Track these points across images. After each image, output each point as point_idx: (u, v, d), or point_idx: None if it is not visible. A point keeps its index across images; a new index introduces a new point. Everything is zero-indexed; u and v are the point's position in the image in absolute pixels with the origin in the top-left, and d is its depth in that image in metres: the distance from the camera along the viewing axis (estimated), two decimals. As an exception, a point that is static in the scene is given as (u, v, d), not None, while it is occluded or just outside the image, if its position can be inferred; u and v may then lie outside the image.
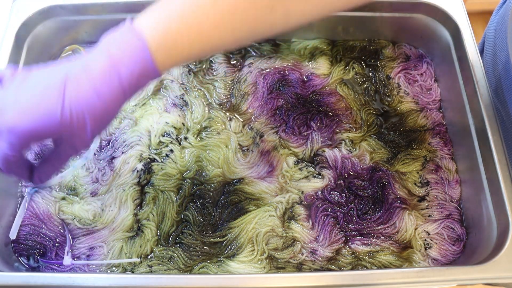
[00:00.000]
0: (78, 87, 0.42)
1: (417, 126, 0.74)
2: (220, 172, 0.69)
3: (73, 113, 0.42)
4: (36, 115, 0.42)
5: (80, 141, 0.46)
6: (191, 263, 0.63)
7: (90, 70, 0.42)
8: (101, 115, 0.43)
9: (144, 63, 0.43)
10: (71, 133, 0.44)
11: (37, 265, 0.63)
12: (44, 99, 0.42)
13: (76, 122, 0.43)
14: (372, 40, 0.82)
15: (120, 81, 0.43)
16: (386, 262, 0.64)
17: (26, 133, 0.42)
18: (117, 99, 0.43)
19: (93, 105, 0.42)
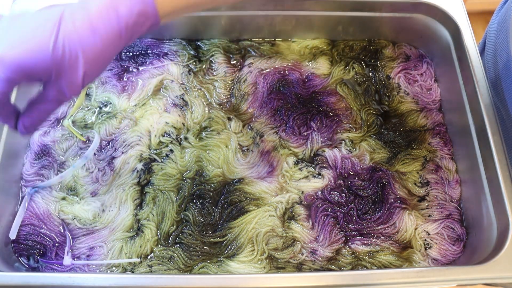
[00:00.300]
0: (74, 23, 0.40)
1: (417, 126, 0.74)
2: (220, 172, 0.69)
3: (65, 47, 0.40)
4: (27, 47, 0.40)
5: (69, 83, 0.43)
6: (191, 263, 0.63)
7: (88, 6, 0.41)
8: (95, 55, 0.41)
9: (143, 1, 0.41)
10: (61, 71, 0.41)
11: (37, 265, 0.63)
12: (37, 32, 0.40)
13: (68, 58, 0.41)
14: (372, 40, 0.82)
15: (117, 19, 0.41)
16: (386, 262, 0.64)
17: (15, 66, 0.40)
18: (113, 39, 0.41)
19: (87, 42, 0.41)
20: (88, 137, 0.71)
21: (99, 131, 0.72)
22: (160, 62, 0.78)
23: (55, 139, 0.71)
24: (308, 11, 0.77)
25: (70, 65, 0.41)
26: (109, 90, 0.76)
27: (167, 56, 0.79)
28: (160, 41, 0.81)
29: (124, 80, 0.77)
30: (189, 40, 0.81)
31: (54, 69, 0.41)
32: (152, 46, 0.80)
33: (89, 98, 0.75)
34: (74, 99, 0.75)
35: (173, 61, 0.78)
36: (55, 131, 0.72)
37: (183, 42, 0.81)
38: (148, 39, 0.80)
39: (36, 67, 0.40)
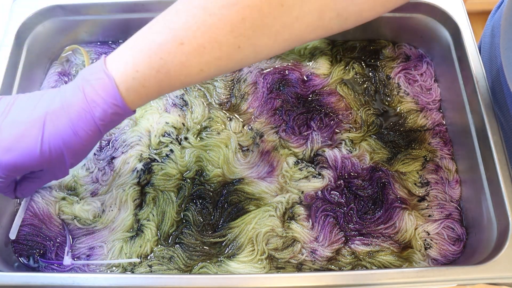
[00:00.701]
0: (57, 125, 0.46)
1: (417, 126, 0.74)
2: (220, 172, 0.69)
3: (51, 148, 0.47)
4: (17, 151, 0.46)
5: (59, 172, 0.51)
6: (191, 263, 0.63)
7: (68, 108, 0.46)
8: (78, 149, 0.48)
9: (115, 103, 0.46)
10: (50, 165, 0.49)
11: (37, 265, 0.63)
12: (24, 136, 0.46)
13: (54, 156, 0.47)
14: (372, 40, 0.82)
15: (94, 120, 0.47)
16: (386, 262, 0.64)
17: (10, 167, 0.47)
18: (92, 135, 0.48)
19: (70, 141, 0.47)
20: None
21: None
22: (160, 62, 0.78)
23: (55, 139, 0.71)
24: (308, 11, 0.77)
25: (57, 161, 0.48)
26: (109, 90, 0.75)
27: (167, 56, 0.79)
28: (160, 41, 0.80)
29: (124, 80, 0.77)
30: (189, 40, 0.81)
31: (44, 165, 0.49)
32: (152, 46, 0.80)
33: (89, 98, 0.75)
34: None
35: (173, 61, 0.78)
36: (55, 131, 0.72)
37: (183, 42, 0.80)
38: (148, 39, 0.80)
39: (28, 166, 0.48)
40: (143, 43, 0.46)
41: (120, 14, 0.76)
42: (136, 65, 0.46)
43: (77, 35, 0.79)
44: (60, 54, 0.79)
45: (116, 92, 0.46)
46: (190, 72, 0.46)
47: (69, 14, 0.75)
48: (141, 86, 0.46)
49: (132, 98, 0.47)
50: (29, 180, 0.54)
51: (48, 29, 0.76)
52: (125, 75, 0.46)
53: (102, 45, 0.80)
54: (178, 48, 0.44)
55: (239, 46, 0.45)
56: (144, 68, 0.45)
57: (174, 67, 0.45)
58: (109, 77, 0.46)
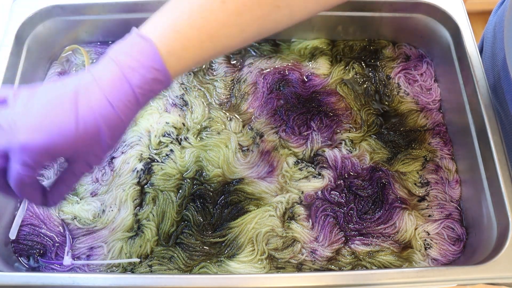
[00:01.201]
0: (90, 98, 0.41)
1: (417, 126, 0.74)
2: (220, 172, 0.69)
3: (87, 124, 0.40)
4: (49, 129, 0.40)
5: (94, 156, 0.44)
6: (191, 263, 0.63)
7: (101, 79, 0.41)
8: (116, 124, 0.42)
9: (155, 68, 0.42)
10: (85, 146, 0.42)
11: (37, 265, 0.63)
12: (56, 113, 0.40)
13: (91, 135, 0.41)
14: (372, 40, 0.82)
15: (131, 88, 0.42)
16: (386, 262, 0.64)
17: (41, 150, 0.40)
18: (130, 106, 0.42)
19: (107, 114, 0.41)
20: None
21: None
22: (160, 62, 0.78)
23: (55, 139, 0.71)
24: (308, 11, 0.77)
25: (94, 140, 0.42)
26: (109, 90, 0.76)
27: (167, 56, 0.79)
28: (160, 41, 0.80)
29: (124, 80, 0.77)
30: (189, 40, 0.81)
31: (79, 147, 0.42)
32: (152, 46, 0.80)
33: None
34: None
35: (173, 61, 0.78)
36: (55, 131, 0.72)
37: (183, 42, 0.81)
38: (148, 39, 0.80)
39: (61, 148, 0.41)
40: (182, 4, 0.44)
41: (120, 14, 0.76)
42: (176, 25, 0.42)
43: (77, 35, 0.79)
44: (60, 54, 0.79)
45: (156, 54, 0.41)
46: (231, 33, 0.45)
47: (69, 14, 0.75)
48: (182, 48, 0.43)
49: (173, 63, 0.43)
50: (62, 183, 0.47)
51: (48, 29, 0.76)
52: (165, 37, 0.42)
53: (102, 45, 0.80)
54: (220, 6, 0.43)
55: (278, 5, 0.46)
56: (185, 27, 0.42)
57: (216, 25, 0.43)
58: (147, 40, 0.42)
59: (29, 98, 0.42)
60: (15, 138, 0.40)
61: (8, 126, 0.40)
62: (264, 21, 0.46)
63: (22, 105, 0.41)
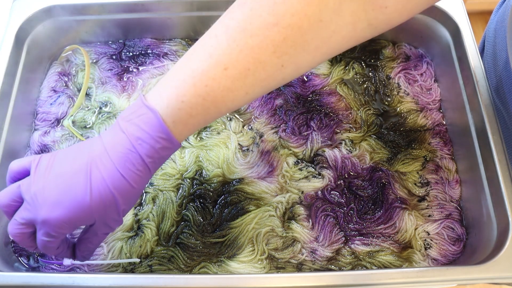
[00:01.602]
0: (103, 170, 0.44)
1: (417, 126, 0.74)
2: (220, 172, 0.69)
3: (102, 195, 0.44)
4: (66, 204, 0.43)
5: (112, 220, 0.47)
6: (191, 263, 0.63)
7: (111, 151, 0.44)
8: (128, 192, 0.45)
9: (162, 137, 0.44)
10: (102, 214, 0.45)
11: (37, 265, 0.63)
12: (72, 188, 0.44)
13: (105, 203, 0.44)
14: (372, 40, 0.82)
15: (141, 158, 0.44)
16: (386, 262, 0.64)
17: (60, 223, 0.44)
18: (141, 175, 0.45)
19: (119, 185, 0.44)
20: (88, 137, 0.71)
21: (99, 131, 0.72)
22: (160, 62, 0.78)
23: (55, 139, 0.71)
24: (308, 11, 0.77)
25: (109, 208, 0.45)
26: (109, 90, 0.76)
27: (167, 56, 0.79)
28: (160, 41, 0.81)
29: (124, 80, 0.77)
30: (189, 40, 0.81)
31: (96, 216, 0.45)
32: (152, 46, 0.80)
33: (89, 98, 0.75)
34: (74, 99, 0.75)
35: (173, 61, 0.78)
36: (55, 131, 0.72)
37: (183, 42, 0.81)
38: (148, 39, 0.80)
39: (79, 219, 0.45)
40: (184, 73, 0.45)
41: (120, 14, 0.76)
42: (180, 95, 0.44)
43: (77, 35, 0.79)
44: (60, 54, 0.79)
45: (163, 125, 0.44)
46: (236, 96, 0.45)
47: (69, 14, 0.75)
48: (188, 116, 0.45)
49: (179, 130, 0.45)
50: (86, 241, 0.51)
51: (48, 29, 0.76)
52: (170, 107, 0.44)
53: (102, 45, 0.80)
54: (223, 73, 0.43)
55: (282, 65, 0.44)
56: (190, 97, 0.44)
57: (221, 92, 0.44)
58: (153, 111, 0.44)
59: (47, 170, 0.45)
60: (37, 212, 0.44)
61: (31, 200, 0.44)
62: (269, 81, 0.46)
63: (42, 178, 0.45)
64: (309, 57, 0.46)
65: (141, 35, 0.80)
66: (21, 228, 0.46)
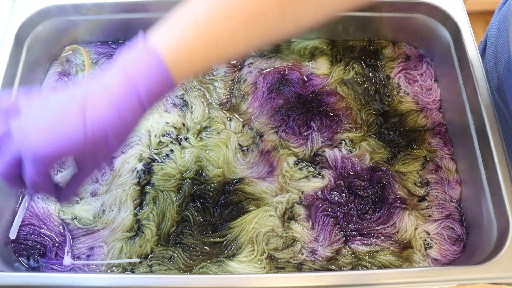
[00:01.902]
0: (98, 107, 0.43)
1: (417, 126, 0.74)
2: (220, 172, 0.69)
3: (95, 132, 0.43)
4: (59, 139, 0.43)
5: (102, 157, 0.47)
6: (191, 263, 0.63)
7: (108, 89, 0.43)
8: (121, 130, 0.45)
9: (161, 78, 0.44)
10: (94, 150, 0.45)
11: (37, 265, 0.63)
12: (65, 122, 0.43)
13: (98, 140, 0.44)
14: (372, 40, 0.82)
15: (138, 97, 0.44)
16: (386, 262, 0.64)
17: (51, 158, 0.43)
18: (136, 114, 0.45)
19: (113, 122, 0.44)
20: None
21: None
22: (160, 62, 0.78)
23: (55, 139, 0.71)
24: (308, 11, 0.77)
25: (101, 145, 0.45)
26: (109, 90, 0.76)
27: (167, 56, 0.79)
28: (160, 41, 0.80)
29: (124, 80, 0.77)
30: (189, 40, 0.81)
31: (87, 152, 0.45)
32: (152, 46, 0.80)
33: (89, 98, 0.75)
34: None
35: (173, 61, 0.78)
36: (55, 131, 0.72)
37: (183, 42, 0.81)
38: (148, 39, 0.80)
39: (70, 153, 0.44)
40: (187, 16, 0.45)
41: (120, 14, 0.76)
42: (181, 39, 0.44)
43: (77, 35, 0.79)
44: (60, 54, 0.79)
45: (163, 67, 0.44)
46: (236, 46, 0.46)
47: (69, 14, 0.75)
48: (187, 61, 0.45)
49: (178, 73, 0.45)
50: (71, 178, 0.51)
51: (48, 29, 0.76)
52: (171, 49, 0.44)
53: (102, 45, 0.80)
54: (226, 23, 0.44)
55: (283, 17, 0.46)
56: (191, 41, 0.44)
57: (222, 42, 0.45)
58: (154, 53, 0.44)
59: (40, 108, 0.44)
60: (27, 149, 0.43)
61: (21, 137, 0.43)
62: (270, 32, 0.47)
63: (34, 115, 0.44)
64: (309, 12, 0.47)
65: (141, 35, 0.80)
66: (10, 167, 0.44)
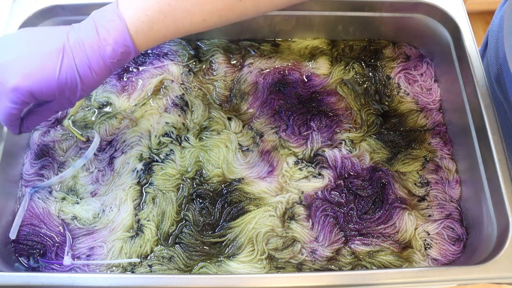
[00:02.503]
0: (73, 58, 0.51)
1: (417, 126, 0.74)
2: (220, 172, 0.69)
3: (68, 79, 0.51)
4: (36, 78, 0.50)
5: (67, 103, 0.55)
6: (191, 263, 0.63)
7: (83, 44, 0.51)
8: (90, 81, 0.53)
9: (125, 44, 0.52)
10: (63, 93, 0.52)
11: (37, 265, 0.63)
12: (44, 65, 0.50)
13: (69, 86, 0.52)
14: (372, 40, 0.82)
15: (105, 57, 0.52)
16: (386, 262, 0.64)
17: (28, 93, 0.50)
18: (104, 72, 0.53)
19: (85, 73, 0.52)
20: (88, 137, 0.71)
21: (99, 131, 0.72)
22: (160, 62, 0.78)
23: (55, 139, 0.71)
24: (308, 11, 0.77)
25: (71, 91, 0.53)
26: (109, 90, 0.76)
27: (167, 56, 0.79)
28: (160, 41, 0.80)
29: (124, 80, 0.77)
30: (189, 40, 0.81)
31: (58, 94, 0.52)
32: (152, 46, 0.80)
33: (89, 98, 0.75)
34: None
35: (173, 61, 0.78)
36: (55, 131, 0.72)
37: (183, 42, 0.81)
38: (148, 39, 0.80)
39: (44, 93, 0.51)
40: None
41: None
42: (146, 10, 0.51)
43: (77, 35, 0.79)
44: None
45: (126, 33, 0.51)
46: (194, 20, 0.52)
47: (69, 14, 0.75)
48: (149, 29, 0.51)
49: (140, 40, 0.52)
50: (36, 113, 0.57)
51: (48, 29, 0.76)
52: (135, 18, 0.51)
53: (102, 45, 0.80)
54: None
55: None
56: (153, 12, 0.51)
57: (181, 13, 0.51)
58: (121, 19, 0.51)
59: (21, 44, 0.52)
60: (7, 80, 0.50)
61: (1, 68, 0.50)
62: (227, 12, 0.52)
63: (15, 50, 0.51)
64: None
65: (141, 35, 0.80)
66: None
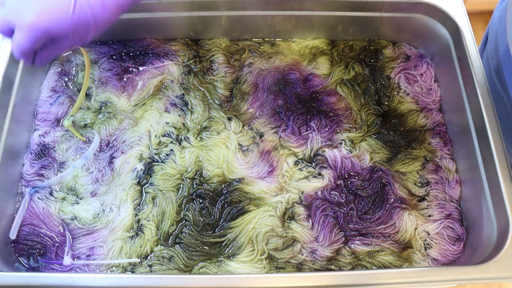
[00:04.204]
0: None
1: (417, 126, 0.74)
2: (220, 172, 0.69)
3: (81, 18, 0.53)
4: (51, 17, 0.52)
5: (79, 40, 0.56)
6: (191, 263, 0.63)
7: None
8: (103, 23, 0.54)
9: None
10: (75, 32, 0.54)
11: (37, 265, 0.63)
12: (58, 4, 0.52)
13: (82, 26, 0.53)
14: (372, 40, 0.82)
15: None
16: (386, 262, 0.64)
17: (42, 30, 0.52)
18: (118, 11, 0.54)
19: (98, 15, 0.53)
20: (88, 137, 0.71)
21: (99, 131, 0.72)
22: (160, 62, 0.78)
23: (55, 139, 0.71)
24: (308, 11, 0.77)
25: (83, 30, 0.54)
26: (109, 90, 0.76)
27: (167, 56, 0.79)
28: (160, 41, 0.81)
29: (124, 80, 0.77)
30: (189, 40, 0.81)
31: (70, 32, 0.54)
32: (152, 46, 0.80)
33: (89, 98, 0.75)
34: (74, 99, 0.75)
35: (173, 61, 0.78)
36: (55, 131, 0.72)
37: (183, 42, 0.81)
38: (148, 39, 0.80)
39: (58, 31, 0.53)
40: None
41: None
42: None
43: (77, 35, 0.79)
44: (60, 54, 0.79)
45: None
46: None
47: (69, 14, 0.75)
48: None
49: None
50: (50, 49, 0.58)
51: (48, 29, 0.76)
52: None
53: (102, 45, 0.80)
54: None
55: None
56: None
57: None
58: None
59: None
60: (23, 17, 0.52)
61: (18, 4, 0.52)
62: None
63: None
64: None
65: (141, 35, 0.80)
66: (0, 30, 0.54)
